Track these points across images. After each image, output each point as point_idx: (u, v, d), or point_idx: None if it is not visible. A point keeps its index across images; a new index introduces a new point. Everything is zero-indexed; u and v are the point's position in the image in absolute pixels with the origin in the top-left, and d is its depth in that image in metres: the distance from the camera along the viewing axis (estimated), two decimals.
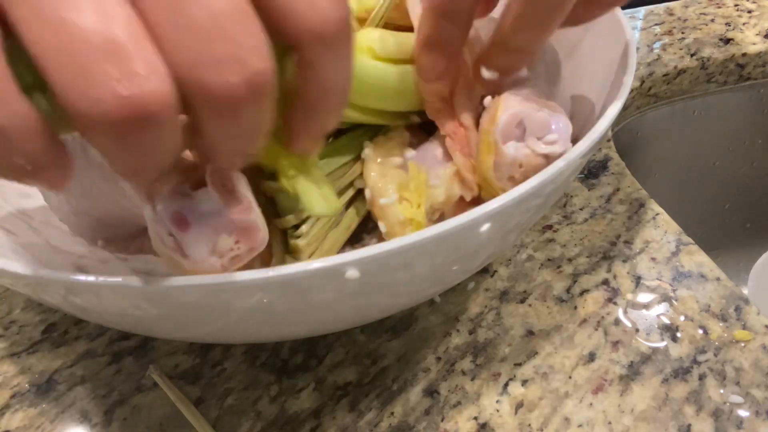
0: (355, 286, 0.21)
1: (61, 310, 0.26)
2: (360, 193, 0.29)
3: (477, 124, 0.27)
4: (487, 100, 0.27)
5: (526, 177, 0.23)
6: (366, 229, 0.31)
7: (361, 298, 0.23)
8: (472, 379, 0.31)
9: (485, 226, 0.22)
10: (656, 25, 0.59)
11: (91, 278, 0.20)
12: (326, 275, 0.20)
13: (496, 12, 0.27)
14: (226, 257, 0.20)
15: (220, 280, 0.19)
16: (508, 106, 0.25)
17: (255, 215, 0.20)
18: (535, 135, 0.25)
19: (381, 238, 0.29)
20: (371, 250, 0.20)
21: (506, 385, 0.30)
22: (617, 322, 0.33)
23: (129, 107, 0.14)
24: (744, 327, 0.32)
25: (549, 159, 0.24)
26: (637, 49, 0.55)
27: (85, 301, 0.22)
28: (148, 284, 0.20)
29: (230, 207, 0.19)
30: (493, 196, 0.22)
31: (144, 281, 0.20)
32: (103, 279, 0.20)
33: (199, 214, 0.19)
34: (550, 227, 0.39)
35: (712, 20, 0.58)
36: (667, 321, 0.32)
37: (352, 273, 0.20)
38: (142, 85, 0.14)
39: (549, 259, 0.36)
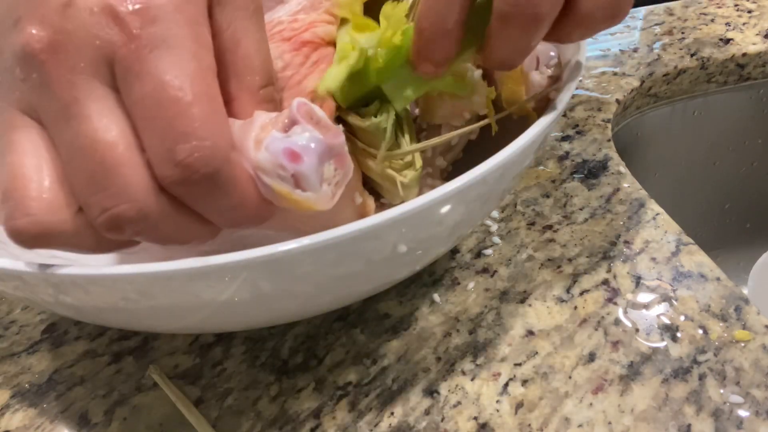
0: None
1: (54, 311, 0.26)
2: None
3: None
4: None
5: (540, 92, 0.30)
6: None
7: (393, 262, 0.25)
8: (472, 379, 0.31)
9: (509, 169, 0.26)
10: (656, 25, 0.59)
11: (75, 270, 0.21)
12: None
13: None
14: (331, 184, 0.22)
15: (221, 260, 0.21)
16: None
17: (343, 138, 0.22)
18: (543, 63, 0.32)
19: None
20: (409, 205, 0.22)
21: (506, 385, 0.30)
22: (617, 322, 0.33)
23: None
24: (744, 327, 0.32)
25: (553, 78, 0.32)
26: (637, 49, 0.55)
27: (76, 298, 0.23)
28: (136, 271, 0.21)
29: (324, 135, 0.21)
30: (521, 113, 0.30)
31: (130, 269, 0.21)
32: (89, 270, 0.21)
33: (302, 148, 0.21)
34: (550, 227, 0.39)
35: (712, 20, 0.58)
36: (667, 321, 0.32)
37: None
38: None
39: (549, 259, 0.36)
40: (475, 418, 0.29)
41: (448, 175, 0.34)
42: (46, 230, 0.19)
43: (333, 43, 0.28)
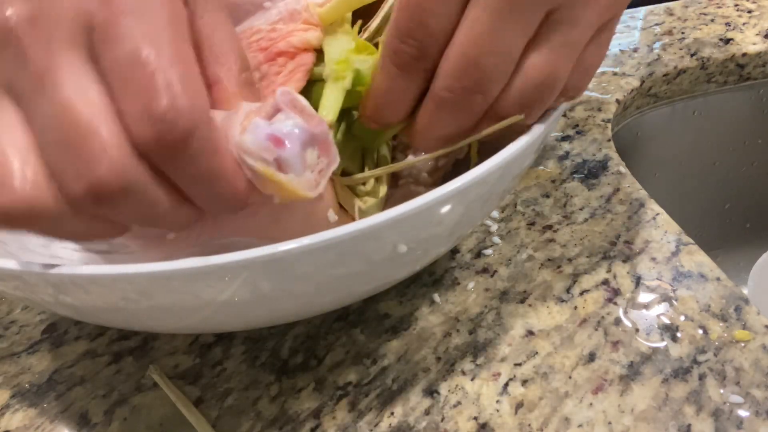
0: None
1: (54, 311, 0.26)
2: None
3: None
4: None
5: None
6: None
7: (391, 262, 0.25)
8: (472, 379, 0.31)
9: (508, 170, 0.26)
10: (656, 25, 0.59)
11: (75, 270, 0.21)
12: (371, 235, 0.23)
13: None
14: (315, 171, 0.22)
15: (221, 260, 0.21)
16: None
17: (327, 127, 0.22)
18: None
19: None
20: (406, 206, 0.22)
21: (506, 385, 0.30)
22: (617, 322, 0.33)
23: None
24: (744, 327, 0.32)
25: None
26: (637, 49, 0.55)
27: (76, 298, 0.23)
28: (140, 270, 0.21)
29: (308, 123, 0.21)
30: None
31: (130, 269, 0.21)
32: (89, 269, 0.21)
33: (286, 134, 0.21)
34: (550, 227, 0.39)
35: (712, 20, 0.58)
36: (667, 321, 0.32)
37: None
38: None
39: (549, 259, 0.36)
40: (475, 418, 0.29)
41: (446, 177, 0.34)
42: (26, 208, 0.19)
43: (310, 50, 0.27)
